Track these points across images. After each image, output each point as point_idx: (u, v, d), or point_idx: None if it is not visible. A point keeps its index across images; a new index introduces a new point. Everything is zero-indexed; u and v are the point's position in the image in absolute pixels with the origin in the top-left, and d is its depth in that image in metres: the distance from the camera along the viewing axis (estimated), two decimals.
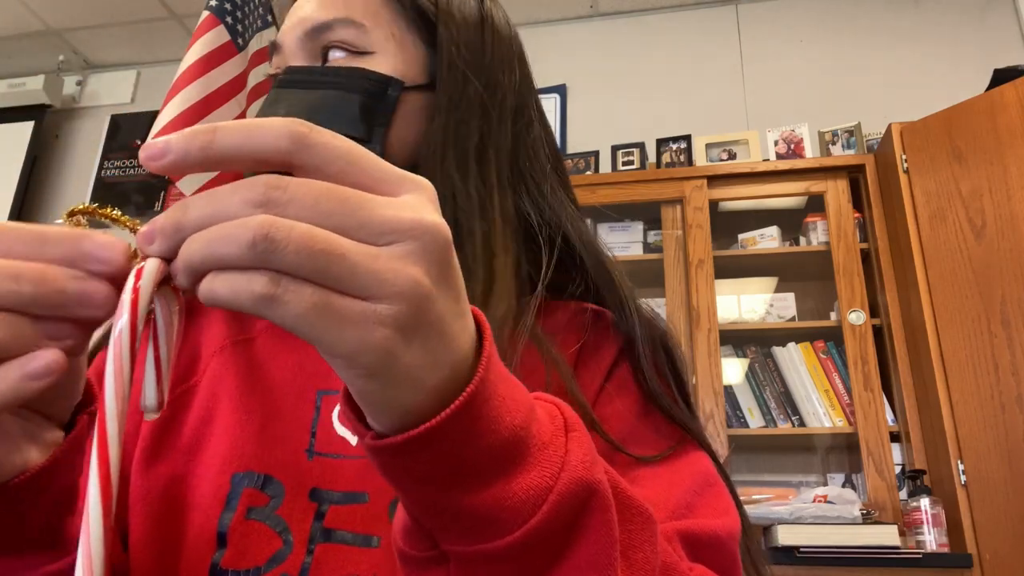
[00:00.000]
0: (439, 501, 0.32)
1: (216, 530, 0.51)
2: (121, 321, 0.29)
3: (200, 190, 1.82)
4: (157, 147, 0.29)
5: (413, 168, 0.58)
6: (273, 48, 0.64)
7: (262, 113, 0.58)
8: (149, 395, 0.32)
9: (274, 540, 0.50)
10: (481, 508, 0.31)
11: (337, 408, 0.55)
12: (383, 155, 0.58)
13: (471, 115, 0.61)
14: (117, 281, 0.30)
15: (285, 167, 0.29)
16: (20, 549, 0.40)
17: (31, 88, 3.45)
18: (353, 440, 0.54)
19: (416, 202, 0.30)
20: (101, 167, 3.43)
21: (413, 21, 0.63)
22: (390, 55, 0.61)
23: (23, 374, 0.29)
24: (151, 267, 0.29)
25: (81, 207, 0.33)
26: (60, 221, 0.32)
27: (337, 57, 0.60)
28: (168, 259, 0.29)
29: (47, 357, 0.30)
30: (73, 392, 0.38)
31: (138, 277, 0.29)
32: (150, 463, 0.55)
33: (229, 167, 0.29)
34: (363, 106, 0.58)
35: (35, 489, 0.37)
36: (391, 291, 0.27)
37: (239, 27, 2.02)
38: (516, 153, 0.64)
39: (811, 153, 2.62)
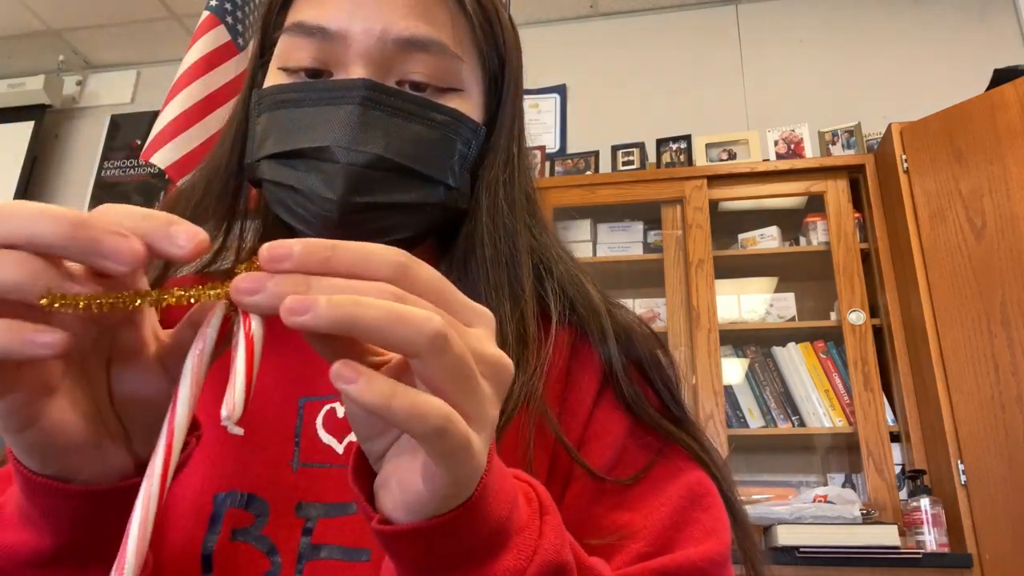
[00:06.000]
0: None
1: (201, 553, 0.49)
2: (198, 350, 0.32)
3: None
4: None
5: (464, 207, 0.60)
6: (320, 32, 0.54)
7: (349, 131, 0.52)
8: (224, 407, 0.30)
9: (261, 562, 0.49)
10: None
11: (321, 415, 0.54)
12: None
13: (511, 150, 0.61)
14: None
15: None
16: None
17: (31, 88, 3.45)
18: (339, 447, 0.53)
19: (491, 336, 0.34)
20: (101, 167, 3.43)
21: (486, 61, 0.60)
22: (473, 96, 0.58)
23: (24, 338, 0.28)
24: (219, 311, 0.33)
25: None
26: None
27: (416, 78, 0.55)
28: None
29: (53, 335, 0.28)
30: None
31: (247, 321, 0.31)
32: None
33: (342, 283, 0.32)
34: (456, 151, 0.57)
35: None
36: (485, 422, 0.33)
37: (239, 27, 2.02)
38: (527, 177, 0.63)
39: (811, 153, 2.62)
